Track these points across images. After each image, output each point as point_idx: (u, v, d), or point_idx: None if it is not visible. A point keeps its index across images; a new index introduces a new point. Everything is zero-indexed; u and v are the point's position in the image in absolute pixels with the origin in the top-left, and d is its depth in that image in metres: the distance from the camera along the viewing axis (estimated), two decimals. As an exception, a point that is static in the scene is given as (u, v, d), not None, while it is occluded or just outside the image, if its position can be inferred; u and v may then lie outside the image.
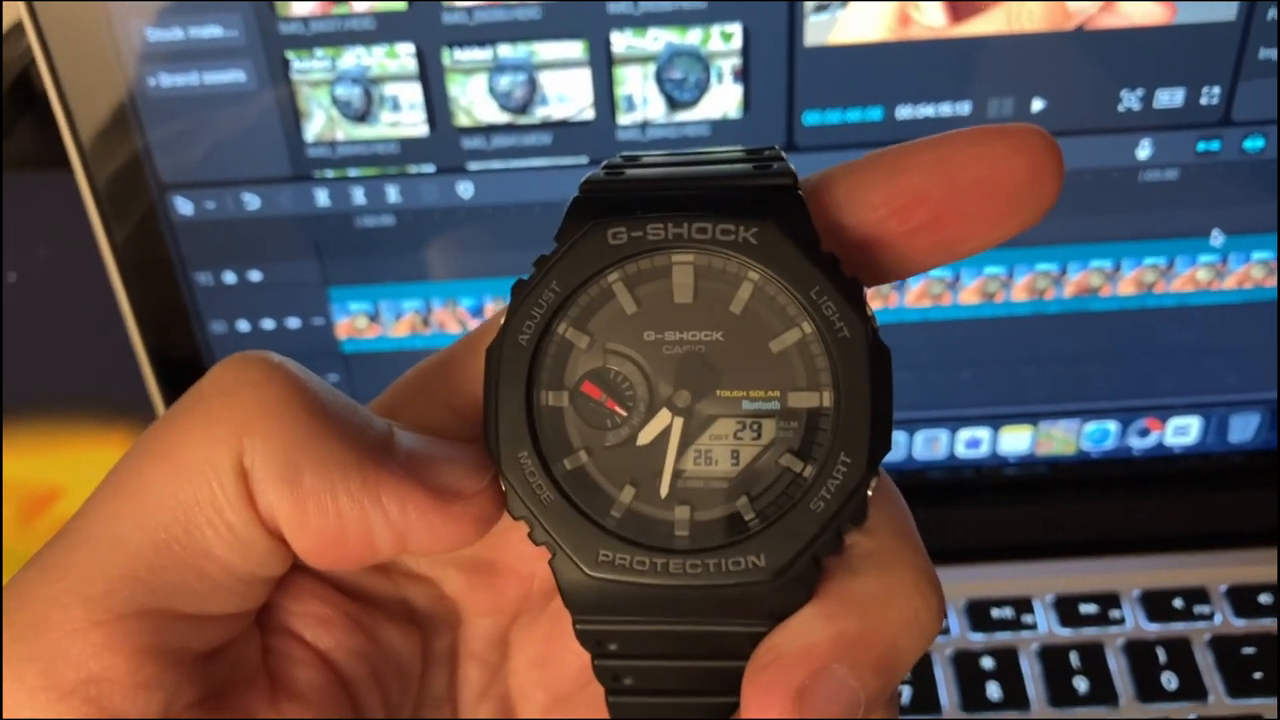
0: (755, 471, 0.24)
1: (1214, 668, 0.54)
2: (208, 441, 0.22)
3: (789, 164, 0.24)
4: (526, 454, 0.23)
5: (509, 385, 0.24)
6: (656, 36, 0.48)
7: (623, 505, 0.24)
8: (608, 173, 0.25)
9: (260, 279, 0.53)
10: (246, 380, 0.22)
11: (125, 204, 0.51)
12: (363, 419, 0.23)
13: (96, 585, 0.22)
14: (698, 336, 0.24)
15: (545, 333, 0.24)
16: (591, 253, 0.23)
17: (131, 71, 0.48)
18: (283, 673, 0.25)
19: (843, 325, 0.23)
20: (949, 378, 0.57)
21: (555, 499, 0.23)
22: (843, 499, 0.23)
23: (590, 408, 0.24)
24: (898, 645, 0.23)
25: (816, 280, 0.23)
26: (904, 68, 0.49)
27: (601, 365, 0.24)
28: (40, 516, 0.65)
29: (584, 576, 0.23)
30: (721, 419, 0.24)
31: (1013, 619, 0.56)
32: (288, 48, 0.48)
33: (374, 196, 0.51)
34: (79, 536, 0.22)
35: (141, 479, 0.22)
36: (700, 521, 0.24)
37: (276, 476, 0.22)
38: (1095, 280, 0.54)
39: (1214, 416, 0.58)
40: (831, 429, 0.23)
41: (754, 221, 0.23)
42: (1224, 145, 0.51)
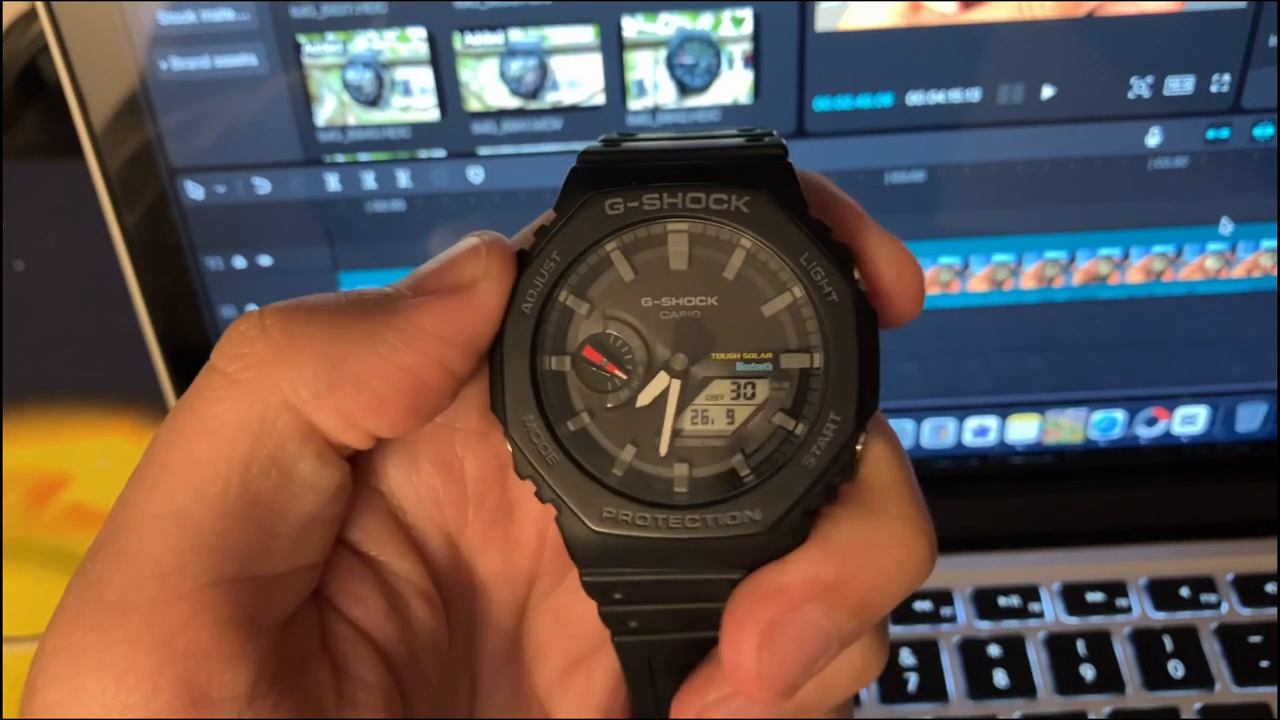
0: (750, 430, 0.25)
1: (1220, 656, 0.54)
2: (242, 402, 0.22)
3: (779, 139, 0.25)
4: (532, 417, 0.24)
5: (514, 351, 0.24)
6: (668, 21, 0.48)
7: (624, 464, 0.25)
8: (605, 145, 0.25)
9: (270, 264, 0.54)
10: (248, 338, 0.23)
11: (136, 188, 0.51)
12: (355, 293, 0.24)
13: (168, 561, 0.22)
14: (693, 302, 0.25)
15: (547, 301, 0.25)
16: (590, 223, 0.24)
17: (143, 55, 0.48)
18: (341, 653, 0.25)
19: (831, 289, 0.24)
20: (957, 365, 0.57)
21: (560, 459, 0.24)
22: (833, 454, 0.24)
23: (591, 371, 0.25)
24: (877, 589, 0.24)
25: (806, 247, 0.24)
26: (914, 54, 0.49)
27: (602, 331, 0.25)
28: (47, 503, 0.65)
29: (589, 531, 0.24)
30: (717, 380, 0.25)
31: (1020, 607, 0.56)
32: (299, 31, 0.48)
33: (384, 181, 0.52)
34: (138, 521, 0.22)
35: (186, 455, 0.22)
36: (698, 478, 0.25)
37: (328, 382, 0.23)
38: (1104, 268, 0.54)
39: (1221, 406, 0.58)
40: (821, 389, 0.24)
41: (746, 190, 0.24)
42: (1234, 133, 0.51)
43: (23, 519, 0.64)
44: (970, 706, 0.53)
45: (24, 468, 0.66)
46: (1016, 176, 0.52)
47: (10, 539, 0.63)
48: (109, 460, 0.67)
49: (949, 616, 0.56)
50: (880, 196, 0.52)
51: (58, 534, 0.64)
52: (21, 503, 0.65)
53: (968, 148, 0.51)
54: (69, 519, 0.64)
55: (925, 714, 0.53)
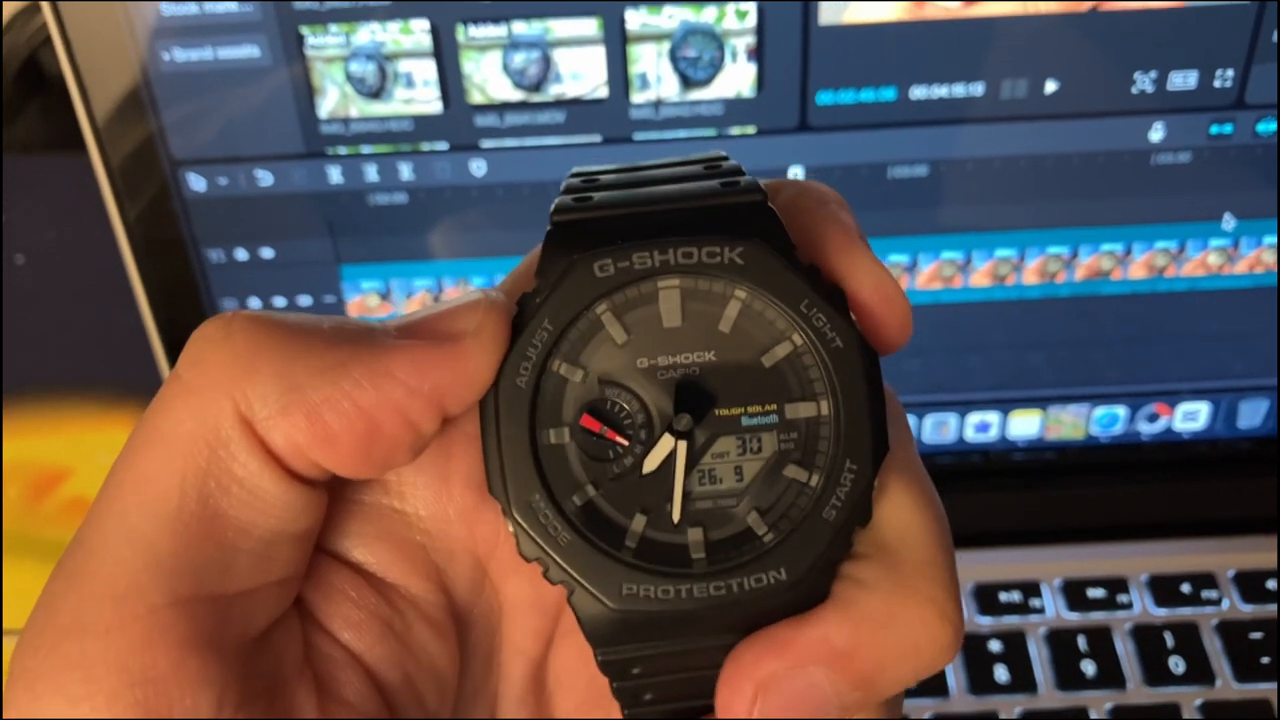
0: (761, 485, 0.24)
1: (1221, 652, 0.54)
2: (195, 412, 0.21)
3: (751, 177, 0.25)
4: (538, 496, 0.24)
5: (511, 428, 0.24)
6: (671, 14, 0.48)
7: (636, 534, 0.24)
8: (575, 199, 0.25)
9: (272, 256, 0.53)
10: (212, 342, 0.22)
11: (138, 181, 0.51)
12: (337, 319, 0.23)
13: (122, 582, 0.21)
14: (690, 358, 0.24)
15: (542, 372, 0.24)
16: (580, 287, 0.24)
17: (145, 47, 0.48)
18: (326, 673, 0.24)
19: (835, 335, 0.24)
20: (959, 360, 0.57)
21: (570, 538, 0.23)
22: (853, 504, 0.24)
23: (592, 441, 0.24)
24: (887, 666, 0.23)
25: (805, 294, 0.24)
26: (918, 48, 0.49)
27: (598, 397, 0.24)
28: (48, 497, 0.65)
29: (606, 610, 0.23)
30: (722, 437, 0.24)
31: (1021, 603, 0.56)
32: (302, 23, 0.48)
33: (387, 174, 0.51)
34: (94, 541, 0.21)
35: (140, 470, 0.21)
36: (715, 541, 0.24)
37: (280, 406, 0.21)
38: (1106, 264, 0.54)
39: (1223, 402, 0.58)
40: (832, 436, 0.24)
41: (739, 242, 0.24)
42: (1237, 128, 0.51)
43: (23, 512, 0.64)
44: (972, 702, 0.53)
45: (25, 461, 0.66)
46: (1019, 171, 0.52)
47: (10, 532, 0.63)
48: (110, 454, 0.66)
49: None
50: (883, 191, 0.52)
51: (58, 528, 0.64)
52: (22, 496, 0.65)
53: (971, 142, 0.51)
54: (69, 512, 0.64)
55: (926, 709, 0.53)
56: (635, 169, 0.26)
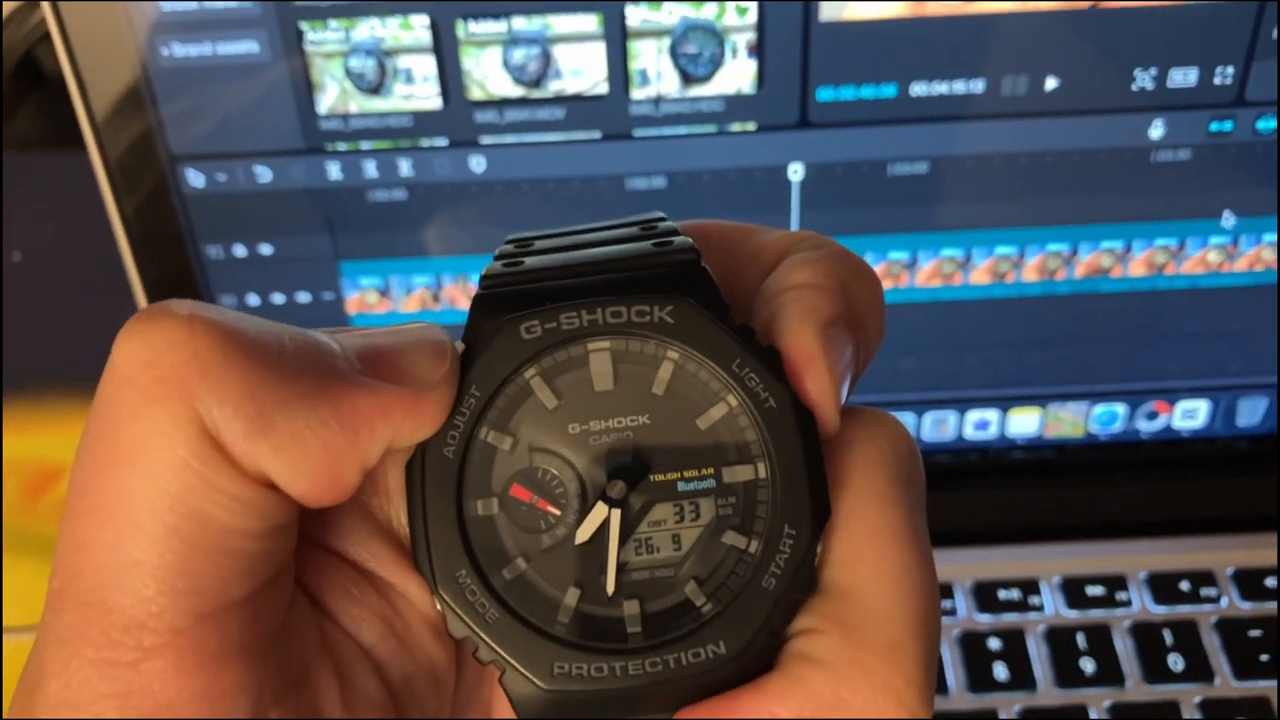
0: (699, 553, 0.23)
1: (1220, 650, 0.54)
2: (163, 426, 0.20)
3: (685, 237, 0.24)
4: (465, 572, 0.23)
5: (437, 500, 0.23)
6: (671, 10, 0.48)
7: (569, 609, 0.23)
8: (505, 264, 0.24)
9: (271, 252, 0.53)
10: (167, 345, 0.20)
11: (136, 176, 0.51)
12: (299, 339, 0.22)
13: (139, 611, 0.20)
14: (623, 423, 0.23)
15: (469, 441, 0.23)
16: (507, 351, 0.23)
17: (144, 42, 0.48)
18: (342, 663, 0.24)
19: (768, 395, 0.23)
20: (958, 358, 0.57)
21: (499, 615, 0.23)
22: (793, 572, 0.23)
23: (522, 511, 0.23)
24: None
25: (737, 353, 0.23)
26: (918, 45, 0.49)
27: (528, 465, 0.23)
28: (45, 494, 0.65)
29: (539, 691, 0.23)
30: (658, 504, 0.23)
31: (1020, 600, 0.56)
32: (301, 18, 0.48)
33: (386, 170, 0.51)
34: (95, 573, 0.21)
35: (119, 495, 0.20)
36: (651, 613, 0.23)
37: (246, 433, 0.21)
38: (1106, 261, 0.54)
39: (1222, 400, 0.58)
40: (770, 500, 0.23)
41: (668, 299, 0.23)
42: (1237, 126, 0.51)
43: (21, 509, 0.64)
44: (970, 699, 0.53)
45: (22, 457, 0.66)
46: (1019, 168, 0.52)
47: (8, 529, 0.63)
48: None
49: (949, 609, 0.56)
50: (883, 188, 0.52)
51: (56, 524, 0.63)
52: (20, 492, 0.65)
53: (971, 139, 0.51)
54: (67, 509, 0.64)
55: (925, 706, 0.53)
56: (570, 233, 0.25)
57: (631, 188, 0.52)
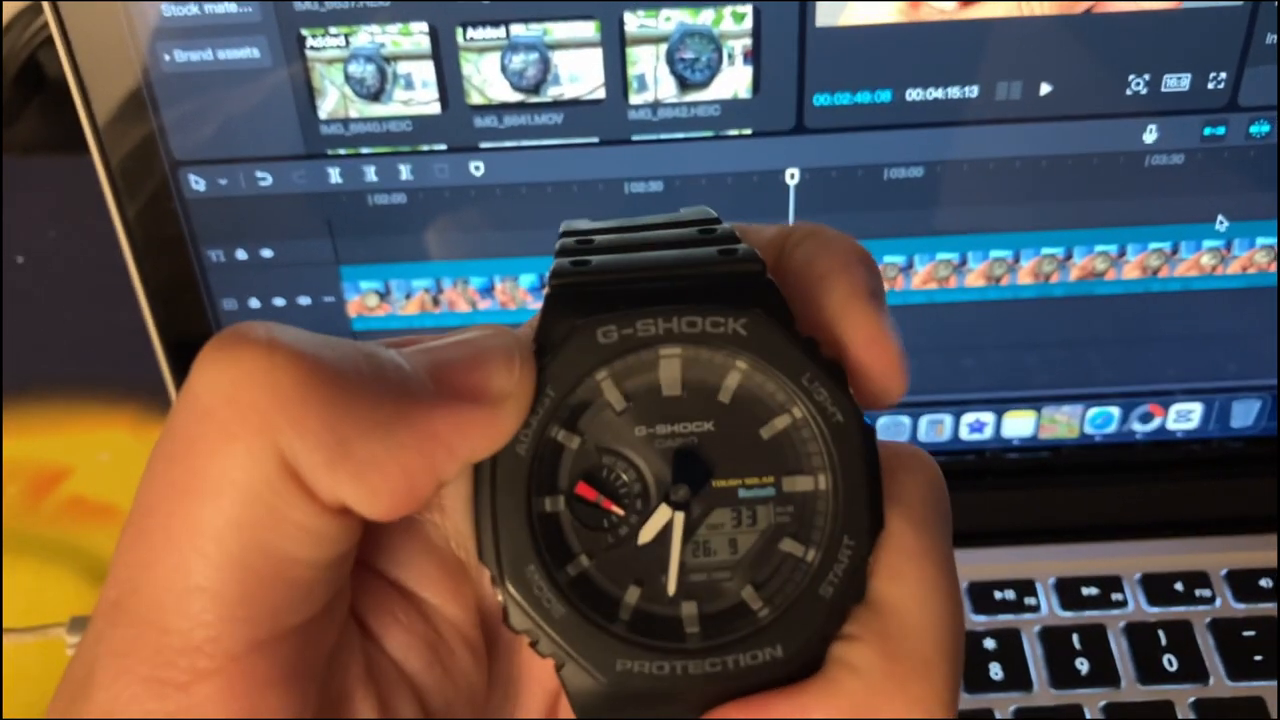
0: (757, 559, 0.24)
1: (1214, 650, 0.54)
2: (242, 459, 0.21)
3: (747, 245, 0.25)
4: (532, 567, 0.23)
5: (506, 495, 0.23)
6: (669, 17, 0.48)
7: (629, 607, 0.24)
8: (572, 262, 0.24)
9: (272, 256, 0.54)
10: (249, 377, 0.21)
11: (138, 180, 0.52)
12: (374, 361, 0.22)
13: (197, 635, 0.21)
14: (689, 428, 0.24)
15: (541, 440, 0.23)
16: (582, 353, 0.23)
17: (146, 48, 0.49)
18: (384, 690, 0.24)
19: (835, 410, 0.23)
20: (954, 361, 0.57)
21: (564, 610, 0.23)
22: (848, 581, 0.23)
23: (587, 510, 0.24)
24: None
25: (807, 367, 0.23)
26: (914, 50, 0.49)
27: (595, 465, 0.24)
28: (48, 496, 0.65)
29: (598, 684, 0.23)
30: (718, 508, 0.24)
31: (1015, 601, 0.56)
32: (302, 25, 0.48)
33: (386, 174, 0.52)
34: (155, 592, 0.21)
35: (189, 521, 0.21)
36: (709, 614, 0.24)
37: (328, 463, 0.21)
38: (1100, 264, 0.54)
39: (1216, 402, 0.58)
40: (829, 512, 0.23)
41: (743, 313, 0.23)
42: (1230, 130, 0.51)
43: (23, 511, 0.64)
44: (966, 699, 0.53)
45: (25, 460, 0.67)
46: (1014, 173, 0.52)
47: (10, 531, 0.63)
48: (109, 453, 0.67)
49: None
50: (879, 192, 0.53)
51: (58, 526, 0.64)
52: (22, 495, 0.65)
53: (966, 144, 0.51)
54: (69, 511, 0.65)
55: (921, 706, 0.53)
56: (628, 229, 0.26)
57: (629, 192, 0.52)
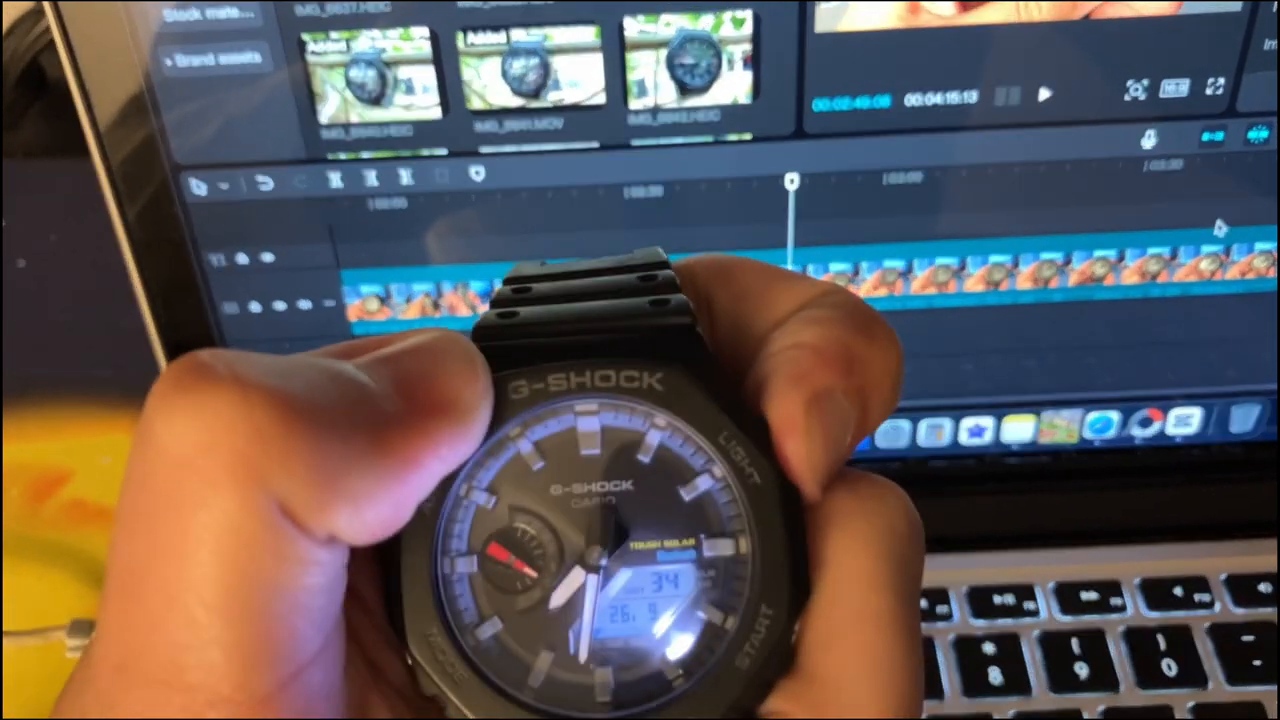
0: (675, 625, 0.23)
1: (1214, 655, 0.55)
2: (235, 508, 0.20)
3: (682, 296, 0.24)
4: (435, 630, 0.22)
5: (412, 555, 0.22)
6: (669, 22, 0.48)
7: (540, 673, 0.23)
8: (499, 315, 0.24)
9: (272, 260, 0.54)
10: (225, 424, 0.20)
11: (139, 184, 0.52)
12: (341, 383, 0.21)
13: (223, 688, 0.20)
14: (607, 488, 0.23)
15: (449, 497, 0.23)
16: (494, 409, 0.22)
17: (148, 52, 0.49)
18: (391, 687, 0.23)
19: (752, 470, 0.22)
20: (953, 365, 0.57)
21: (468, 676, 0.22)
22: (767, 653, 0.22)
23: (499, 571, 0.23)
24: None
25: (724, 425, 0.22)
26: (913, 56, 0.49)
27: (508, 525, 0.23)
28: (48, 499, 0.65)
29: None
30: (636, 572, 0.23)
31: (1014, 605, 0.56)
32: (303, 30, 0.49)
33: (387, 179, 0.52)
34: (166, 653, 0.20)
35: (189, 576, 0.20)
36: (622, 683, 0.23)
37: (319, 503, 0.20)
38: (1099, 269, 0.55)
39: (1216, 407, 0.59)
40: (749, 577, 0.22)
41: (658, 366, 0.23)
42: (1228, 136, 0.51)
43: (24, 515, 0.64)
44: (965, 704, 0.53)
45: (25, 464, 0.67)
46: (1013, 178, 0.52)
47: (11, 535, 0.63)
48: (110, 457, 0.67)
49: (944, 615, 0.56)
50: (878, 197, 0.53)
51: (58, 530, 0.64)
52: (23, 499, 0.65)
53: (965, 149, 0.52)
54: (70, 515, 0.65)
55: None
56: (569, 274, 0.25)
57: (629, 197, 0.52)
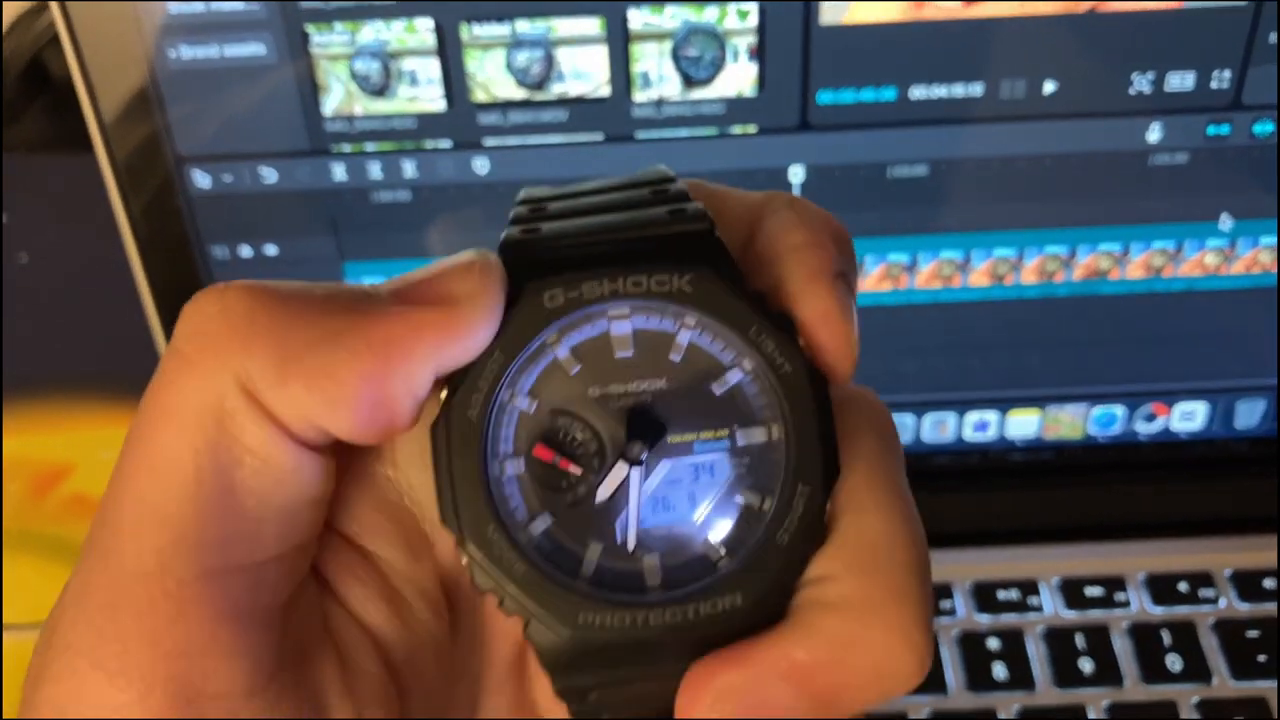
0: (715, 511, 0.24)
1: (1218, 650, 0.54)
2: (198, 385, 0.21)
3: (697, 203, 0.25)
4: (492, 527, 0.23)
5: (463, 459, 0.24)
6: (673, 14, 0.48)
7: (591, 563, 0.24)
8: (522, 230, 0.25)
9: (276, 253, 0.54)
10: (207, 315, 0.22)
11: (143, 177, 0.52)
12: (331, 286, 0.23)
13: (149, 561, 0.21)
14: (642, 386, 0.24)
15: (493, 404, 0.24)
16: (530, 317, 0.24)
17: (152, 44, 0.49)
18: (345, 643, 0.24)
19: (784, 360, 0.24)
20: (958, 360, 0.57)
21: (525, 569, 0.23)
22: (805, 527, 0.23)
23: (545, 470, 0.24)
24: (848, 688, 0.23)
25: (753, 320, 0.24)
26: (917, 48, 0.49)
27: (551, 427, 0.24)
28: (50, 493, 0.65)
29: (562, 639, 0.24)
30: (675, 464, 0.24)
31: (1019, 601, 0.56)
32: (308, 21, 0.49)
33: (390, 171, 0.52)
34: (117, 520, 0.22)
35: (151, 448, 0.22)
36: (670, 567, 0.24)
37: (279, 377, 0.21)
38: (1104, 263, 0.54)
39: (1220, 402, 0.58)
40: (783, 460, 0.24)
41: (688, 270, 0.24)
42: (1234, 129, 0.51)
43: (25, 508, 0.64)
44: (969, 698, 0.53)
45: (27, 458, 0.67)
46: (1018, 171, 0.52)
47: (12, 528, 0.63)
48: (112, 450, 0.67)
49: (949, 609, 0.56)
50: (883, 190, 0.53)
51: (59, 524, 0.64)
52: (24, 492, 0.65)
53: (970, 142, 0.52)
54: (71, 509, 0.65)
55: (924, 705, 0.53)
56: (581, 193, 0.26)
57: (633, 189, 0.52)
